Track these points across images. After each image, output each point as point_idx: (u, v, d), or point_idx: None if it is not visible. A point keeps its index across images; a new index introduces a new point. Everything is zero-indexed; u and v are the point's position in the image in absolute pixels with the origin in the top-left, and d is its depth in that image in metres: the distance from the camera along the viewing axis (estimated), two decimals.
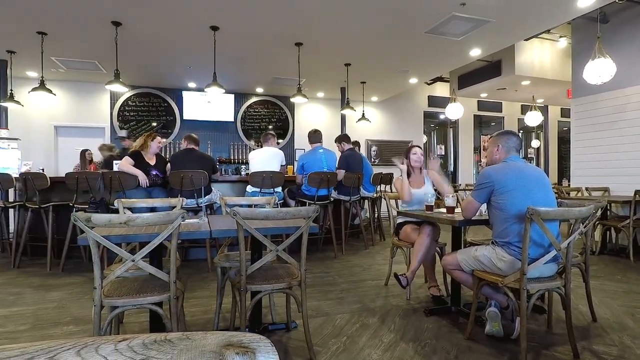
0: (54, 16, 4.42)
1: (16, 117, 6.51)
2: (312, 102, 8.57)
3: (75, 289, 3.35)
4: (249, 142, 8.19)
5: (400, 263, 3.79)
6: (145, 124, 7.63)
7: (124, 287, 1.87)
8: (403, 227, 3.11)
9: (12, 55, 5.65)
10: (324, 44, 5.37)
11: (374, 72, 6.75)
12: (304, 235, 2.01)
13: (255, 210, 1.89)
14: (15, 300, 3.09)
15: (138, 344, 0.36)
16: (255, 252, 2.23)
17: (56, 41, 5.14)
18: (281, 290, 2.04)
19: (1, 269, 4.07)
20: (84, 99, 7.34)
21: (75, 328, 2.54)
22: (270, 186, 4.33)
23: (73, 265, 4.17)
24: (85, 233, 1.65)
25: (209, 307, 2.87)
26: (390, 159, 9.29)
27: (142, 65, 6.31)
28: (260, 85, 7.71)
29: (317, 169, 4.62)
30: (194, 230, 1.92)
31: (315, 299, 3.05)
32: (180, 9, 4.26)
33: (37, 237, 4.42)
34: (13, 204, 4.45)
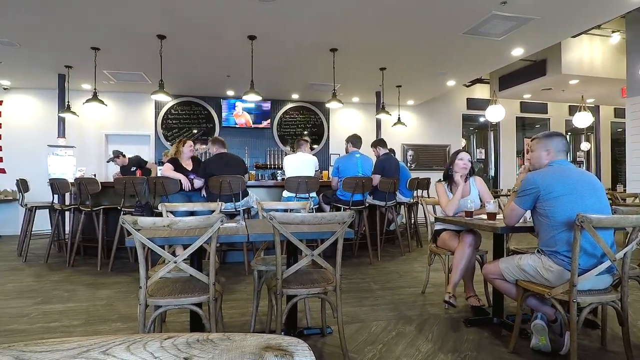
0: (106, 32, 4.74)
1: (72, 126, 7.02)
2: (347, 107, 8.57)
3: (122, 288, 3.55)
4: (284, 148, 8.32)
5: (438, 270, 3.68)
6: (187, 131, 7.97)
7: (167, 287, 1.96)
8: (441, 233, 3.02)
9: (70, 69, 6.12)
10: (359, 49, 5.36)
11: (410, 75, 6.66)
12: (339, 240, 2.01)
13: (291, 215, 1.91)
14: (69, 296, 3.31)
15: (182, 343, 0.37)
16: (291, 256, 2.26)
17: (108, 55, 5.50)
18: (316, 295, 2.04)
19: (58, 267, 4.39)
20: (131, 109, 7.79)
21: (122, 325, 2.68)
22: (305, 191, 4.37)
23: (120, 265, 4.42)
24: (132, 235, 1.75)
25: (246, 310, 2.93)
26: (427, 163, 9.10)
27: (183, 75, 6.61)
28: (295, 91, 7.83)
29: (352, 173, 4.60)
30: (232, 234, 1.97)
31: (351, 305, 3.03)
32: (220, 21, 4.42)
33: (89, 238, 4.72)
34: (69, 207, 4.80)
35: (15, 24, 4.49)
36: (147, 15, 4.27)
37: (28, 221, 5.00)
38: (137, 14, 4.24)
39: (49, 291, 3.46)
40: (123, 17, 4.32)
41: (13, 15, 4.27)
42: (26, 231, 4.96)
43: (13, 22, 4.43)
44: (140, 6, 4.05)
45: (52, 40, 5.02)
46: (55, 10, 4.13)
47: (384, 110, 6.66)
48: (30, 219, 5.00)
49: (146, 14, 4.22)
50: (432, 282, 3.52)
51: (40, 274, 4.12)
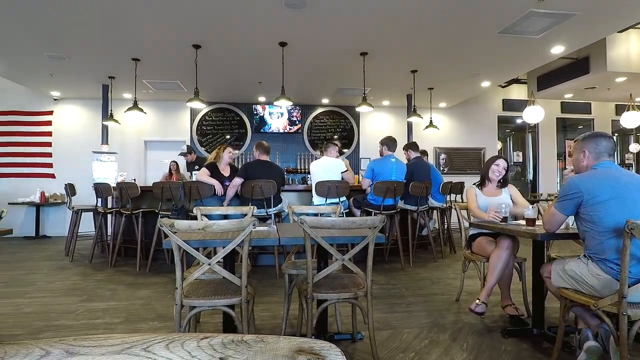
0: (146, 44, 4.99)
1: (114, 133, 7.42)
2: (378, 111, 8.51)
3: (159, 288, 3.69)
4: (315, 153, 8.37)
5: (473, 277, 3.55)
6: (220, 136, 8.20)
7: (201, 289, 2.01)
8: (476, 239, 2.91)
9: (112, 80, 6.48)
10: (390, 52, 5.32)
11: (442, 77, 6.52)
12: (370, 245, 1.99)
13: (322, 219, 1.92)
14: (111, 295, 3.48)
15: (218, 343, 0.38)
16: (322, 260, 2.26)
17: (147, 66, 5.78)
18: (347, 300, 2.03)
19: (101, 267, 4.63)
20: (168, 116, 8.13)
21: (159, 324, 2.78)
22: (335, 195, 4.37)
23: (158, 266, 4.59)
24: (169, 237, 1.81)
25: (276, 313, 2.96)
26: (461, 167, 8.84)
27: (217, 83, 6.82)
28: (325, 96, 7.87)
29: (386, 177, 4.54)
30: (263, 237, 2.00)
31: (382, 311, 2.99)
32: (251, 29, 4.53)
33: (129, 240, 4.95)
34: (111, 210, 5.06)
35: (64, 39, 4.81)
36: (183, 26, 4.45)
37: (74, 223, 5.32)
38: (173, 26, 4.43)
39: (93, 290, 3.65)
40: (161, 29, 4.53)
41: (62, 32, 4.58)
42: (73, 232, 5.27)
43: (62, 37, 4.76)
44: (177, 18, 4.22)
45: (97, 53, 5.34)
46: (99, 25, 4.39)
47: (416, 113, 6.56)
48: (76, 221, 5.31)
49: (182, 25, 4.40)
50: (467, 289, 3.40)
51: (85, 273, 4.36)
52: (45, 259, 5.21)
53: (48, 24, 4.39)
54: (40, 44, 4.98)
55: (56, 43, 4.96)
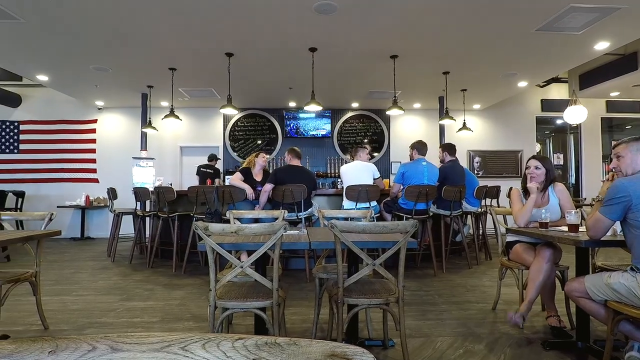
0: (182, 54, 5.19)
1: (152, 140, 7.76)
2: (408, 114, 8.39)
3: (193, 290, 3.80)
4: (344, 157, 8.36)
5: (510, 286, 3.41)
6: (252, 142, 8.37)
7: (234, 291, 2.05)
8: (514, 246, 2.79)
9: (151, 89, 6.79)
10: (421, 54, 5.24)
11: (476, 78, 6.34)
12: (402, 250, 1.95)
13: (353, 223, 1.91)
14: (149, 295, 3.62)
15: (252, 344, 0.39)
16: (352, 265, 2.25)
17: (182, 75, 6.02)
18: (378, 306, 2.00)
19: (139, 268, 4.83)
20: (202, 122, 8.40)
21: (194, 324, 2.86)
22: (366, 200, 4.34)
23: (192, 268, 4.74)
24: (203, 240, 1.87)
25: (307, 317, 2.97)
26: (497, 171, 8.53)
27: (249, 89, 6.98)
28: (355, 100, 7.86)
29: (417, 181, 4.45)
30: (294, 241, 2.02)
31: (414, 318, 2.92)
32: (282, 36, 4.61)
33: (166, 242, 5.14)
34: (149, 213, 5.28)
35: (107, 52, 5.10)
36: (217, 36, 4.60)
37: (116, 225, 5.59)
38: (207, 36, 4.59)
39: (132, 289, 3.82)
40: (195, 39, 4.70)
41: (106, 45, 4.86)
42: (114, 234, 5.54)
43: (105, 50, 5.05)
44: (211, 28, 4.37)
45: (137, 64, 5.62)
46: (138, 38, 4.62)
47: (448, 116, 6.41)
48: (117, 224, 5.59)
49: (216, 34, 4.55)
50: (504, 298, 3.27)
51: (125, 273, 4.57)
52: (89, 259, 5.51)
53: (94, 39, 4.67)
54: (86, 57, 5.31)
55: (101, 56, 5.27)
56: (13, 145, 8.10)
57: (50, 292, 3.63)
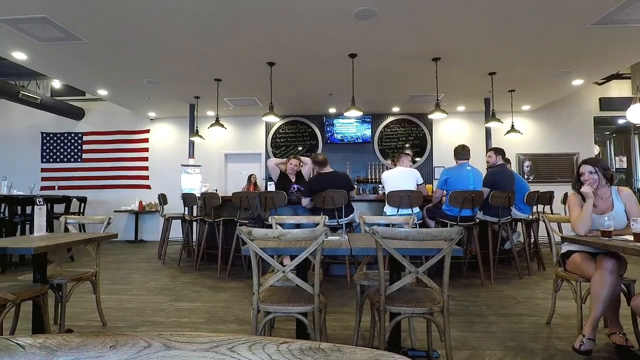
0: (227, 65, 5.42)
1: (199, 148, 8.13)
2: (452, 117, 8.14)
3: (237, 293, 3.90)
4: (385, 162, 8.25)
5: (567, 299, 3.17)
6: (293, 148, 8.51)
7: (276, 295, 2.09)
8: (571, 256, 2.60)
9: (198, 99, 7.14)
10: (464, 55, 5.08)
11: (524, 78, 6.02)
12: (446, 258, 1.89)
13: (395, 230, 1.87)
14: (196, 297, 3.77)
15: (296, 349, 0.39)
16: (394, 272, 2.20)
17: (227, 85, 6.27)
18: (421, 315, 1.94)
19: (187, 270, 5.05)
20: (245, 130, 8.68)
21: (237, 327, 2.94)
22: (408, 205, 4.25)
23: (236, 271, 4.88)
24: (247, 244, 1.92)
25: (348, 323, 2.95)
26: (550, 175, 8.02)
27: (290, 97, 7.11)
28: (396, 104, 7.75)
29: (461, 186, 4.29)
30: (335, 247, 2.02)
31: (459, 329, 2.80)
32: (322, 43, 4.66)
33: (211, 246, 5.34)
34: (195, 218, 5.52)
35: (158, 66, 5.44)
36: (259, 46, 4.75)
37: (166, 229, 5.90)
38: (250, 47, 4.75)
39: (180, 291, 4.00)
40: (239, 51, 4.88)
41: (158, 60, 5.18)
42: (164, 238, 5.85)
43: (156, 65, 5.39)
44: (254, 39, 4.52)
45: (185, 76, 5.94)
46: (187, 53, 4.89)
47: (495, 118, 6.13)
48: (167, 228, 5.89)
49: (258, 45, 4.70)
50: (560, 312, 3.05)
51: (174, 275, 4.80)
52: (142, 261, 5.85)
53: (147, 55, 5.00)
54: (140, 71, 5.69)
55: (153, 70, 5.63)
56: (77, 154, 8.84)
57: (107, 291, 3.90)
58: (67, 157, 8.84)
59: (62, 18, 3.99)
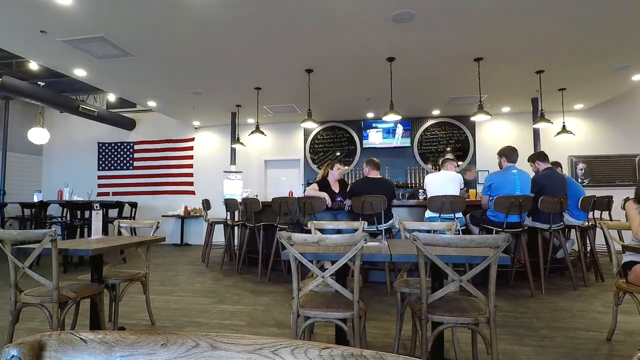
0: (266, 74, 5.57)
1: (240, 155, 8.39)
2: (496, 119, 7.80)
3: (277, 297, 3.96)
4: (425, 166, 8.06)
5: (630, 313, 2.91)
6: (331, 154, 8.54)
7: (315, 300, 2.09)
8: (634, 266, 2.39)
9: (239, 108, 7.38)
10: (509, 54, 4.86)
11: (577, 75, 5.65)
12: (492, 266, 1.80)
13: (437, 236, 1.82)
14: (237, 299, 3.87)
15: (338, 354, 0.39)
16: (436, 280, 2.14)
17: (266, 93, 6.43)
18: (466, 326, 1.86)
19: (229, 274, 5.20)
20: (284, 136, 8.84)
21: (277, 330, 2.98)
22: (450, 211, 4.11)
23: (276, 276, 4.95)
24: (286, 249, 1.95)
25: (388, 331, 2.89)
26: (607, 178, 7.45)
27: (328, 103, 7.16)
28: (436, 107, 7.56)
29: (507, 192, 4.09)
30: (374, 253, 2.00)
31: (507, 342, 2.66)
32: (360, 48, 4.66)
33: (252, 250, 5.46)
34: (237, 223, 5.68)
35: (202, 77, 5.70)
36: (298, 54, 4.84)
37: (209, 233, 6.12)
38: (289, 55, 4.85)
39: (223, 293, 4.12)
40: (278, 59, 5.00)
41: (202, 72, 5.43)
42: (208, 242, 6.07)
43: (201, 76, 5.64)
44: (292, 47, 4.61)
45: (227, 86, 6.17)
46: (229, 64, 5.08)
47: (544, 119, 5.80)
48: (211, 232, 6.11)
49: (297, 53, 4.79)
50: (622, 327, 2.80)
51: (217, 278, 4.96)
52: (187, 264, 6.11)
53: (191, 67, 5.26)
54: (185, 83, 5.99)
55: (197, 81, 5.90)
56: (129, 162, 9.44)
57: (155, 292, 4.10)
58: (120, 165, 9.46)
59: (116, 36, 4.30)
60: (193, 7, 3.68)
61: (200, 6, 3.65)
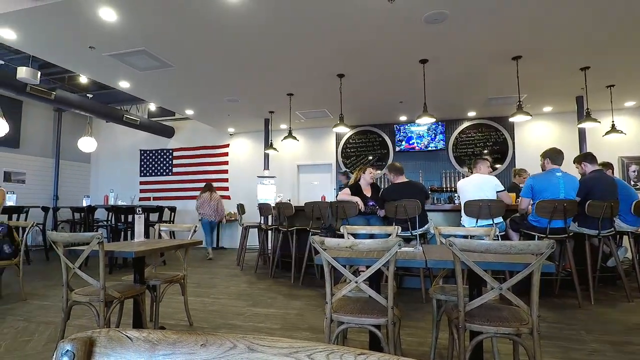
0: (298, 80, 5.64)
1: (273, 160, 8.53)
2: (537, 119, 7.45)
3: (310, 301, 3.97)
4: (461, 169, 7.82)
5: None
6: (363, 158, 8.50)
7: (348, 305, 2.08)
8: None
9: (272, 114, 7.52)
10: (550, 51, 4.64)
11: (627, 70, 5.30)
12: (535, 274, 1.71)
13: (474, 242, 1.76)
14: (271, 303, 3.92)
15: None
16: (474, 287, 2.06)
17: (299, 98, 6.51)
18: (507, 336, 1.78)
19: (263, 277, 5.28)
20: (316, 141, 8.90)
21: (310, 335, 2.98)
22: (488, 216, 3.96)
23: (309, 280, 4.97)
24: (320, 254, 1.95)
25: (423, 340, 2.81)
26: None
27: (359, 107, 7.14)
28: (472, 108, 7.33)
29: (551, 195, 3.87)
30: (409, 259, 1.96)
31: (553, 355, 2.51)
32: (392, 51, 4.62)
33: (285, 254, 5.52)
34: (271, 227, 5.76)
35: (237, 85, 5.87)
36: (329, 59, 4.87)
37: (244, 237, 6.25)
38: (321, 60, 4.89)
39: (257, 296, 4.19)
40: (310, 65, 5.05)
41: (236, 80, 5.59)
42: (242, 245, 6.20)
43: (235, 84, 5.81)
44: (323, 52, 4.65)
45: (261, 93, 6.31)
46: (262, 71, 5.20)
47: (590, 118, 5.46)
48: (245, 236, 6.24)
49: (328, 58, 4.82)
50: None
51: (251, 281, 5.05)
52: (223, 267, 6.26)
53: (227, 76, 5.43)
54: (221, 91, 6.19)
55: (232, 89, 6.09)
56: (169, 169, 9.85)
57: (193, 294, 4.23)
58: (160, 171, 9.89)
59: (157, 49, 4.53)
60: (227, 16, 3.80)
61: (234, 14, 3.77)
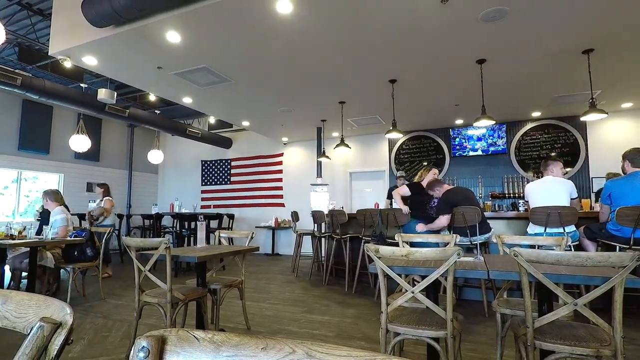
0: (350, 87, 5.67)
1: (326, 168, 8.61)
2: (614, 117, 6.75)
3: (364, 310, 3.91)
4: (525, 174, 7.30)
5: None
6: (417, 164, 8.27)
7: (404, 316, 2.02)
8: None
9: (324, 122, 7.62)
10: (627, 40, 4.19)
11: None
12: (617, 289, 1.54)
13: (543, 253, 1.63)
14: (325, 310, 3.93)
15: None
16: (543, 302, 1.90)
17: (350, 106, 6.53)
18: (584, 358, 1.61)
19: (317, 284, 5.32)
20: (368, 148, 8.84)
21: (365, 344, 2.93)
22: (558, 224, 3.63)
23: (362, 288, 4.91)
24: (374, 262, 1.92)
25: (486, 356, 2.64)
26: None
27: (413, 112, 6.98)
28: (536, 108, 6.84)
29: (632, 201, 3.47)
30: (469, 269, 1.86)
31: None
32: (447, 52, 4.47)
33: (338, 262, 5.51)
34: (324, 234, 5.80)
35: (290, 95, 6.03)
36: (381, 65, 4.83)
37: (298, 244, 6.36)
38: (374, 66, 4.87)
39: (311, 303, 4.22)
40: (362, 72, 5.05)
41: (290, 91, 5.76)
42: (297, 252, 6.30)
43: (289, 94, 5.98)
44: (375, 58, 4.63)
45: (313, 102, 6.43)
46: (315, 81, 5.30)
47: None
48: (299, 243, 6.34)
49: (380, 63, 4.79)
50: None
51: (305, 288, 5.11)
52: (278, 273, 6.41)
53: (281, 87, 5.61)
54: (275, 102, 6.41)
55: (286, 99, 6.27)
56: (227, 178, 10.36)
57: (250, 298, 4.37)
58: (220, 180, 10.43)
59: (216, 65, 4.82)
60: (280, 29, 3.94)
61: (288, 24, 3.89)
